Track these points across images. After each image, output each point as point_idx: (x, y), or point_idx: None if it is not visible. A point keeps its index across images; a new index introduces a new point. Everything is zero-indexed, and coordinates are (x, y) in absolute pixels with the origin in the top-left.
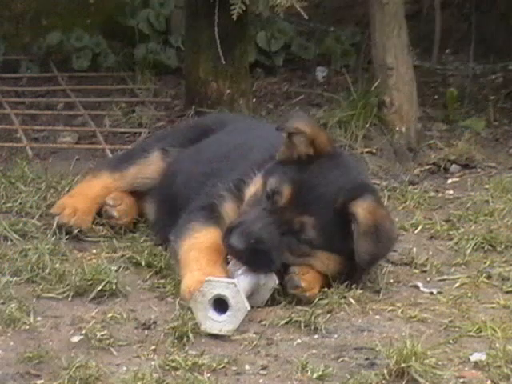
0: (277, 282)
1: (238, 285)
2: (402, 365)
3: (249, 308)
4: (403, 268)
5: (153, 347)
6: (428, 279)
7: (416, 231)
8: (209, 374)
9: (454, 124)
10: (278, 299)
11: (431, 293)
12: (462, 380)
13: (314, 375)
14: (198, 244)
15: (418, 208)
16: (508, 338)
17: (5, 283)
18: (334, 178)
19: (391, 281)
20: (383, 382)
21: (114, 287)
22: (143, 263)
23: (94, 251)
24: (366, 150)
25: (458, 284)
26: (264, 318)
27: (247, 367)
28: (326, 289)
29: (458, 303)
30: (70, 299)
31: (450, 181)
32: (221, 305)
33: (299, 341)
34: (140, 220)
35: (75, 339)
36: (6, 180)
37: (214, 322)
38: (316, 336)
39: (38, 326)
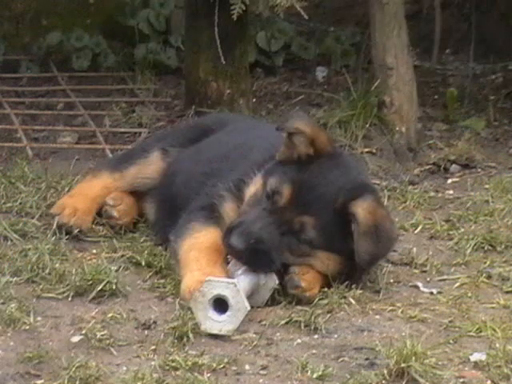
0: (277, 282)
1: (238, 285)
2: (402, 365)
3: (249, 308)
4: (403, 268)
5: (153, 347)
6: (428, 279)
7: (416, 231)
8: (209, 374)
9: (454, 124)
10: (278, 299)
11: (431, 293)
12: (461, 380)
13: (314, 375)
14: (198, 244)
15: (418, 208)
16: (508, 337)
17: (5, 283)
18: (334, 177)
19: (391, 281)
20: (383, 382)
21: (114, 287)
22: (143, 263)
23: (94, 251)
24: (366, 150)
25: (458, 284)
26: (264, 318)
27: (247, 367)
28: (326, 289)
29: (458, 303)
30: (70, 299)
31: (450, 181)
32: (221, 305)
33: (299, 341)
34: (140, 220)
35: (75, 339)
36: (6, 180)
37: (214, 322)
38: (316, 336)
39: (38, 326)
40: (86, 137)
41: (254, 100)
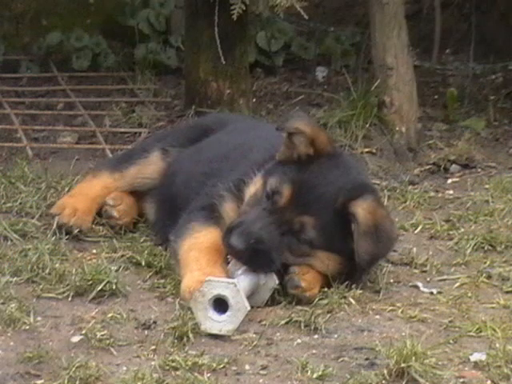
0: (277, 282)
1: (238, 285)
2: (402, 365)
3: (249, 308)
4: (403, 268)
5: (153, 347)
6: (428, 279)
7: (416, 231)
8: (209, 374)
9: (453, 124)
10: (278, 299)
11: (431, 293)
12: (461, 380)
13: (314, 375)
14: (198, 244)
15: (418, 208)
16: (508, 337)
17: (5, 283)
18: (334, 178)
19: (391, 281)
20: (383, 381)
21: (114, 287)
22: (143, 263)
23: (94, 251)
24: (366, 150)
25: (458, 284)
26: (264, 318)
27: (247, 367)
28: (326, 289)
29: (458, 303)
30: (69, 299)
31: (450, 181)
32: (221, 305)
33: (299, 341)
34: (140, 220)
35: (75, 339)
36: (6, 180)
37: (214, 322)
38: (316, 336)
39: (38, 325)
40: (86, 137)
41: (254, 100)
